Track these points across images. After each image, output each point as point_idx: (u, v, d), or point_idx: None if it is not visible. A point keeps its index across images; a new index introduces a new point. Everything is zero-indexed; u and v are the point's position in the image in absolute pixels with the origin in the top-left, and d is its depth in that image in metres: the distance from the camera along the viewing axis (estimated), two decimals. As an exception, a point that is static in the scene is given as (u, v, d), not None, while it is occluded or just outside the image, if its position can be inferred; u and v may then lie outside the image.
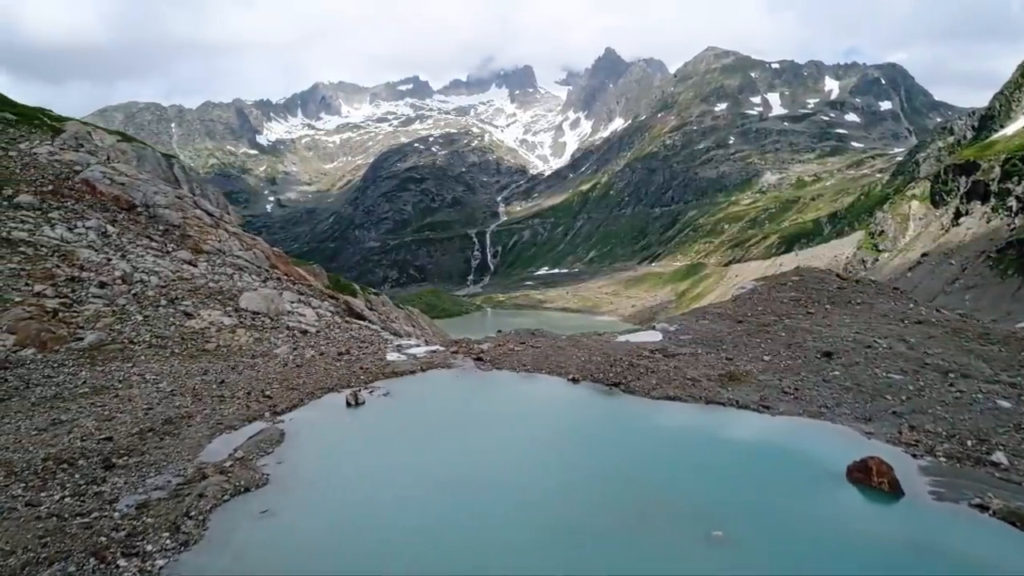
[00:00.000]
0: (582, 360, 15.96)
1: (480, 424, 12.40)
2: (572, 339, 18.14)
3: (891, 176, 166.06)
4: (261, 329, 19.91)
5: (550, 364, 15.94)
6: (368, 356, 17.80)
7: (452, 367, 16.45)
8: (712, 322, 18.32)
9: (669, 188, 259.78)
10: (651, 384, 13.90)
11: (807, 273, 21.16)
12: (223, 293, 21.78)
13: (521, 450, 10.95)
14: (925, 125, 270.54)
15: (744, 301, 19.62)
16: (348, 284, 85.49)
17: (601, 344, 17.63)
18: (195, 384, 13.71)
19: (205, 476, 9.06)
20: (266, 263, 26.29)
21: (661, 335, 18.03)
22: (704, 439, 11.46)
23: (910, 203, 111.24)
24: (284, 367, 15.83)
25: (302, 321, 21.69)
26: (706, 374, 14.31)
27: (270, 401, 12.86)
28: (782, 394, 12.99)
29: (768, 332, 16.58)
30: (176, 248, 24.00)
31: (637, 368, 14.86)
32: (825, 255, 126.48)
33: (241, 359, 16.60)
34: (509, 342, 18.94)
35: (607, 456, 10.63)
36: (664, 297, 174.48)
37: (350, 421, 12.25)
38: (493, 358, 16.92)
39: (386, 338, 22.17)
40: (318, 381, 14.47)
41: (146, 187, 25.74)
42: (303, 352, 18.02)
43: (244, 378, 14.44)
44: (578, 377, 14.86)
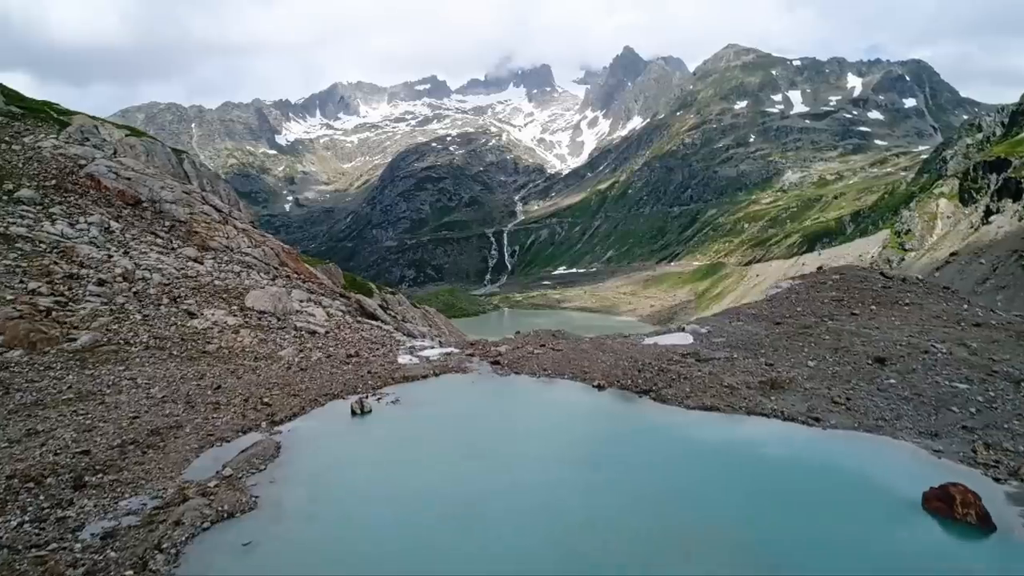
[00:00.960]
0: (607, 364, 14.76)
1: (497, 438, 11.24)
2: (596, 341, 16.92)
3: (916, 174, 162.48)
4: (267, 330, 18.90)
5: (573, 368, 14.76)
6: (378, 359, 16.71)
7: (467, 371, 15.33)
8: (747, 324, 17.01)
9: (688, 187, 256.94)
10: (684, 392, 12.67)
11: (848, 271, 19.76)
12: (229, 292, 20.81)
13: (542, 470, 9.76)
14: (950, 122, 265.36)
15: (780, 301, 18.27)
16: (364, 283, 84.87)
17: (627, 347, 16.39)
18: (189, 390, 12.67)
19: (186, 498, 7.98)
20: (275, 260, 25.33)
21: (692, 337, 16.76)
22: (749, 457, 10.22)
23: (938, 201, 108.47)
24: (287, 371, 14.77)
25: (311, 321, 20.67)
26: (745, 381, 13.04)
27: (268, 409, 11.79)
28: (832, 404, 11.69)
29: (810, 335, 15.24)
30: (182, 245, 23.10)
31: (668, 374, 13.63)
32: (849, 254, 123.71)
33: (243, 362, 15.58)
34: (528, 344, 17.77)
35: (640, 477, 9.42)
36: (683, 297, 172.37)
37: (354, 433, 11.15)
38: (511, 361, 15.77)
39: (398, 339, 21.09)
40: (323, 387, 13.40)
41: (153, 182, 24.88)
42: (309, 354, 16.97)
43: (243, 383, 13.40)
44: (604, 383, 13.67)
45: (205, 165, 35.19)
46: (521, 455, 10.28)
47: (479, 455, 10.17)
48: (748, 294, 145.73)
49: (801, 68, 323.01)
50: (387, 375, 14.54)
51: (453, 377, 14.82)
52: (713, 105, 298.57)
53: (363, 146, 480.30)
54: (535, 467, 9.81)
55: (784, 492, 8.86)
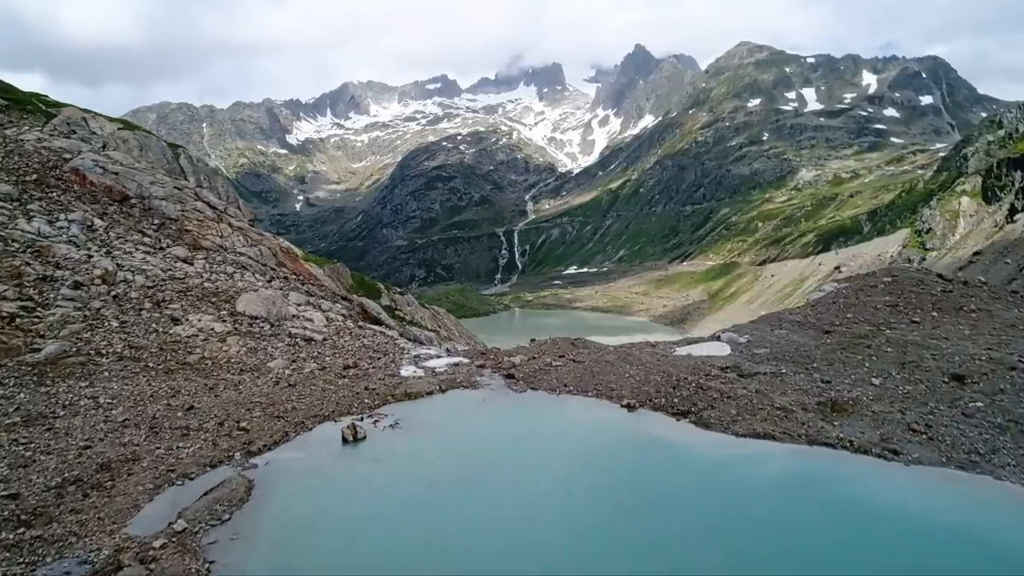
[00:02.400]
0: (637, 380, 12.97)
1: (512, 471, 9.49)
2: (621, 352, 15.13)
3: (935, 172, 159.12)
4: (257, 337, 17.23)
5: (597, 384, 12.99)
6: (379, 371, 15.00)
7: (477, 387, 13.59)
8: (791, 332, 15.17)
9: (701, 186, 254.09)
10: (730, 415, 10.87)
11: (901, 273, 17.85)
12: (219, 295, 19.17)
13: (566, 513, 8.02)
14: (968, 120, 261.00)
15: (826, 306, 16.39)
16: (372, 283, 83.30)
17: (657, 359, 14.59)
18: (157, 411, 11.00)
19: (120, 566, 6.28)
20: (273, 260, 23.69)
21: (729, 348, 14.94)
22: (818, 500, 8.42)
23: (960, 199, 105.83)
24: (275, 386, 13.09)
25: (307, 327, 18.99)
26: (800, 402, 11.23)
27: (245, 436, 10.09)
28: (909, 433, 9.87)
29: (868, 346, 13.39)
30: (171, 244, 21.49)
31: (708, 392, 11.83)
32: (867, 254, 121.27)
33: (225, 375, 13.90)
34: (545, 354, 16.00)
35: (686, 525, 7.65)
36: (696, 297, 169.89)
37: (343, 467, 9.43)
38: (526, 375, 14.02)
39: (402, 347, 19.38)
40: (312, 406, 11.70)
41: (142, 177, 23.30)
42: (302, 366, 15.29)
43: (221, 402, 11.72)
44: (634, 403, 11.88)
45: (203, 160, 33.68)
46: (542, 497, 8.53)
47: (491, 500, 8.43)
48: (764, 294, 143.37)
49: (815, 65, 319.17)
50: (387, 391, 12.82)
51: (461, 394, 13.09)
52: (726, 103, 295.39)
53: (373, 145, 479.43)
54: (558, 510, 8.07)
55: (866, 548, 7.06)
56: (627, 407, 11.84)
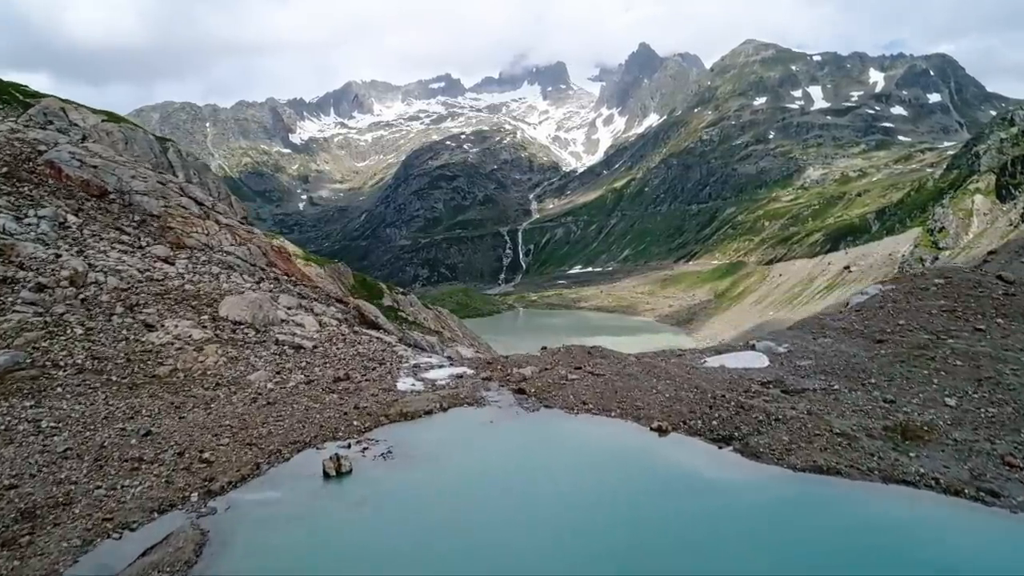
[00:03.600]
0: (667, 397, 11.31)
1: (523, 514, 7.83)
2: (645, 364, 13.46)
3: (945, 170, 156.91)
4: (240, 344, 15.60)
5: (621, 402, 11.33)
6: (372, 384, 13.36)
7: (483, 404, 11.93)
8: (837, 340, 13.48)
9: (706, 184, 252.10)
10: (782, 442, 9.20)
11: (954, 274, 16.15)
12: (200, 298, 17.55)
13: (591, 570, 6.37)
14: (977, 118, 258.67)
15: (873, 311, 14.69)
16: (374, 283, 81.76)
17: (686, 371, 12.93)
18: (108, 437, 9.36)
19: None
20: (263, 260, 22.08)
21: (767, 358, 13.26)
22: (907, 558, 6.74)
23: (973, 197, 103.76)
24: (252, 404, 11.45)
25: (297, 333, 17.36)
26: (863, 426, 9.55)
27: (208, 470, 8.46)
28: (1005, 468, 8.19)
29: (932, 358, 11.71)
30: (152, 242, 19.89)
31: (752, 413, 10.17)
32: (878, 253, 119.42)
33: (198, 390, 12.27)
34: (559, 364, 14.35)
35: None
36: (702, 297, 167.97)
37: (321, 509, 7.78)
38: (539, 390, 12.36)
39: (401, 355, 17.72)
40: (292, 429, 10.06)
41: (123, 171, 21.70)
42: (287, 378, 13.65)
43: (186, 425, 10.08)
44: (666, 425, 10.22)
45: (192, 154, 32.13)
46: (560, 550, 6.87)
47: (498, 555, 6.77)
48: (772, 294, 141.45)
49: (821, 63, 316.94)
50: (380, 410, 11.18)
51: (465, 413, 11.44)
52: (731, 101, 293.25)
53: (377, 145, 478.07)
54: (582, 570, 6.42)
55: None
56: (658, 430, 10.19)
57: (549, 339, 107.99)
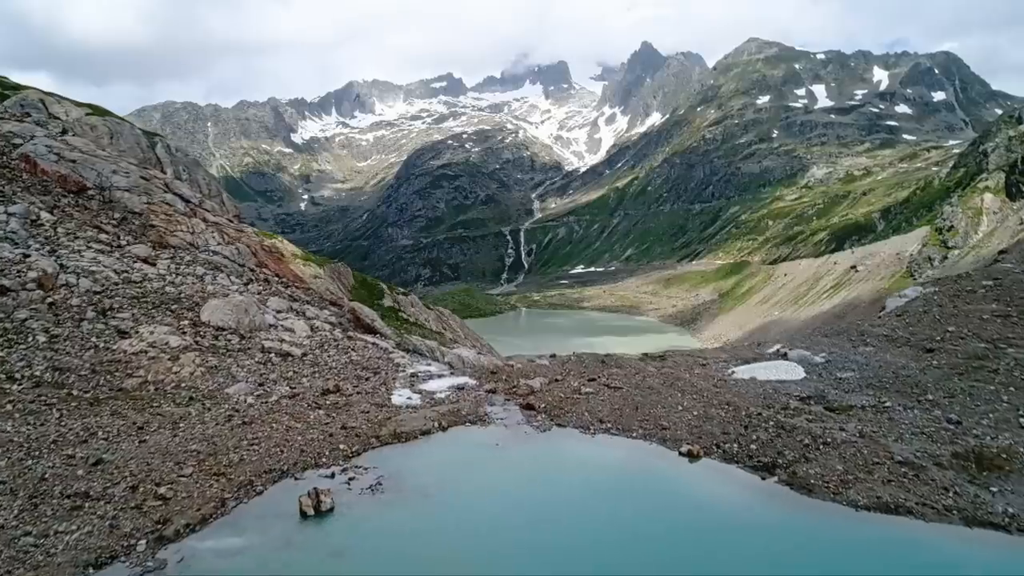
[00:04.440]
0: (695, 414, 10.00)
1: (537, 564, 6.52)
2: (667, 375, 12.14)
3: (952, 168, 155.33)
4: (222, 352, 14.30)
5: (643, 420, 10.02)
6: (365, 398, 12.07)
7: (488, 422, 10.62)
8: (880, 349, 12.15)
9: (709, 184, 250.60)
10: (835, 471, 7.88)
11: (1004, 275, 14.79)
12: (181, 301, 16.25)
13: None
14: (982, 116, 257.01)
15: (917, 316, 13.35)
16: (375, 283, 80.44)
17: (714, 384, 11.60)
18: (50, 468, 8.05)
19: None
20: (252, 260, 20.78)
21: (803, 369, 11.93)
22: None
23: (982, 196, 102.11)
24: (226, 423, 10.14)
25: (286, 339, 16.06)
26: (928, 452, 8.23)
27: (163, 509, 7.16)
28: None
29: (994, 371, 10.38)
30: (132, 241, 18.60)
31: (795, 435, 8.85)
32: (885, 252, 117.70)
33: (167, 406, 10.97)
34: (570, 374, 13.05)
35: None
36: (706, 296, 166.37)
37: (294, 561, 6.47)
38: (550, 405, 11.06)
39: (397, 362, 16.41)
40: (268, 455, 8.76)
41: (103, 165, 20.42)
42: (270, 391, 12.36)
43: (146, 451, 8.77)
44: (697, 449, 8.91)
45: (182, 150, 30.84)
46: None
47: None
48: (777, 294, 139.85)
49: (825, 61, 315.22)
50: (371, 430, 9.88)
51: (467, 433, 10.13)
52: (735, 100, 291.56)
53: (379, 144, 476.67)
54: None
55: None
56: (688, 455, 8.87)
57: (552, 339, 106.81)
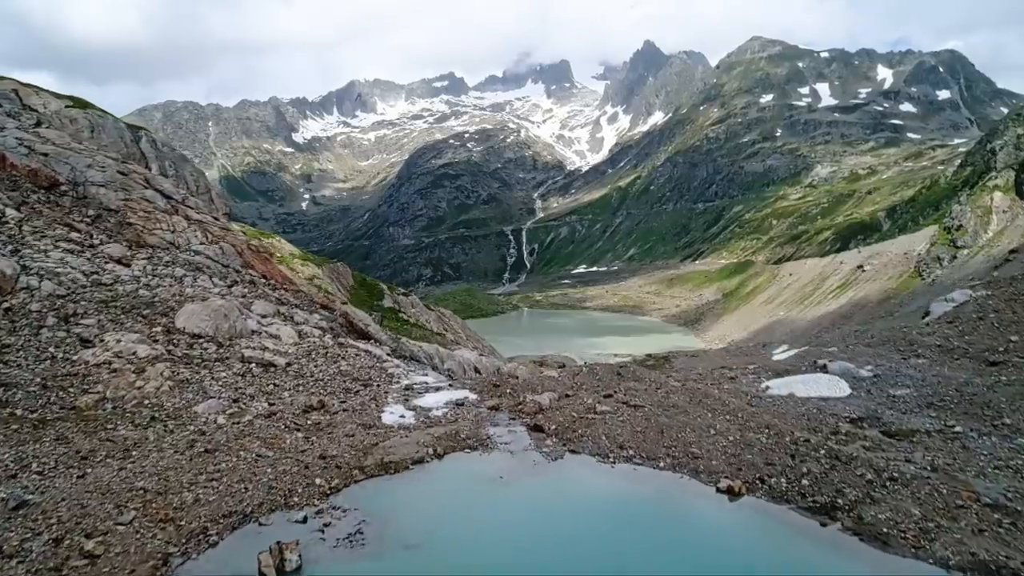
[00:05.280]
0: (730, 440, 8.59)
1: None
2: (692, 390, 10.73)
3: (959, 167, 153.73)
4: (196, 363, 12.92)
5: (670, 445, 8.62)
6: (351, 416, 10.68)
7: (490, 447, 9.21)
8: (935, 361, 10.73)
9: (713, 183, 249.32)
10: (911, 516, 6.47)
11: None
12: (155, 305, 14.87)
13: None
14: (987, 114, 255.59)
15: (971, 324, 11.93)
16: (375, 283, 79.16)
17: (747, 401, 10.20)
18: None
19: None
20: (237, 261, 19.40)
21: (847, 384, 10.52)
22: None
23: (992, 194, 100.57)
24: (187, 451, 8.74)
25: (269, 347, 14.68)
26: (1021, 493, 6.82)
27: (87, 571, 5.78)
28: None
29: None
30: (107, 240, 17.23)
31: (853, 467, 7.46)
32: (893, 251, 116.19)
33: (123, 429, 9.58)
34: (583, 388, 11.65)
35: None
36: (710, 296, 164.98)
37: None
38: (561, 427, 9.66)
39: (391, 372, 15.03)
40: (229, 493, 7.36)
41: (78, 159, 19.05)
42: (245, 408, 10.97)
43: (83, 488, 7.38)
44: (738, 485, 7.50)
45: (169, 145, 29.46)
46: None
47: None
48: (782, 294, 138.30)
49: (829, 60, 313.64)
50: (354, 459, 8.50)
51: (466, 462, 8.74)
52: (738, 98, 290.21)
53: (380, 144, 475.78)
54: None
55: None
56: (728, 492, 7.47)
57: (555, 340, 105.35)
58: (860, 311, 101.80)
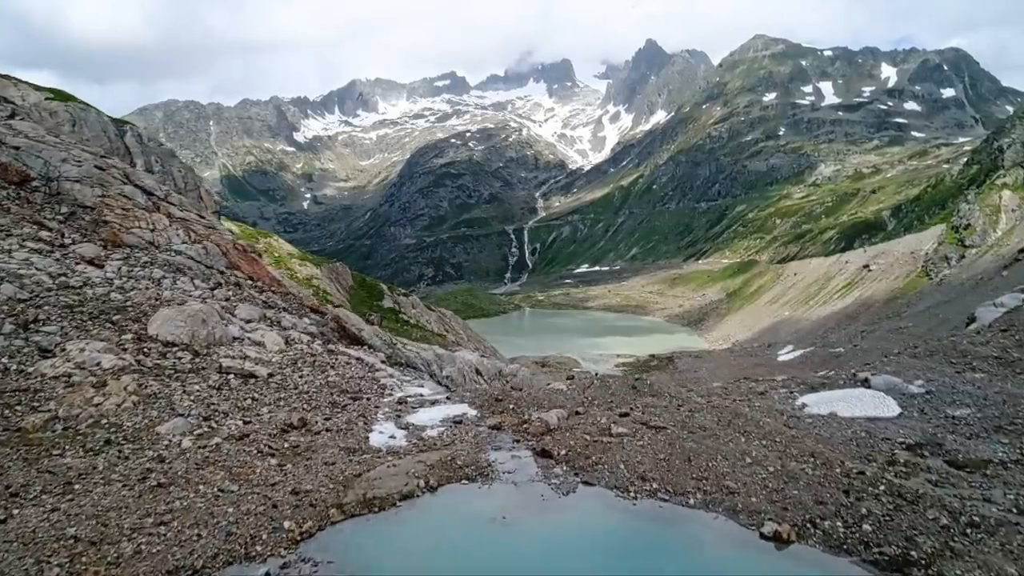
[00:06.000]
0: (770, 470, 7.36)
1: None
2: (721, 409, 9.50)
3: (965, 165, 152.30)
4: (167, 375, 11.72)
5: (700, 476, 7.39)
6: (335, 437, 9.47)
7: (491, 477, 7.96)
8: (996, 376, 9.50)
9: (715, 182, 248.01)
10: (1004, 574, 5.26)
11: None
12: (127, 311, 13.68)
13: None
14: (992, 113, 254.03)
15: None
16: (375, 283, 77.97)
17: (783, 421, 8.98)
18: None
19: None
20: (222, 262, 18.20)
21: (895, 402, 9.29)
22: None
23: (1001, 193, 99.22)
24: (137, 485, 7.51)
25: (251, 356, 13.48)
26: None
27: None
28: None
29: None
30: (80, 240, 16.03)
31: (921, 507, 6.23)
32: (899, 251, 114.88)
33: (69, 456, 8.36)
34: (595, 405, 10.43)
35: None
36: (714, 296, 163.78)
37: None
38: (572, 452, 8.43)
39: (384, 383, 13.82)
40: (177, 543, 6.13)
41: (52, 152, 17.86)
42: (216, 427, 9.76)
43: (0, 537, 6.17)
44: (785, 530, 6.26)
45: (156, 140, 28.28)
46: None
47: None
48: (787, 293, 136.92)
49: (832, 58, 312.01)
50: (333, 494, 7.27)
51: (463, 495, 7.51)
52: (741, 97, 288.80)
53: (382, 143, 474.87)
54: None
55: None
56: (773, 538, 6.23)
57: (557, 340, 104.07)
58: (866, 311, 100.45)
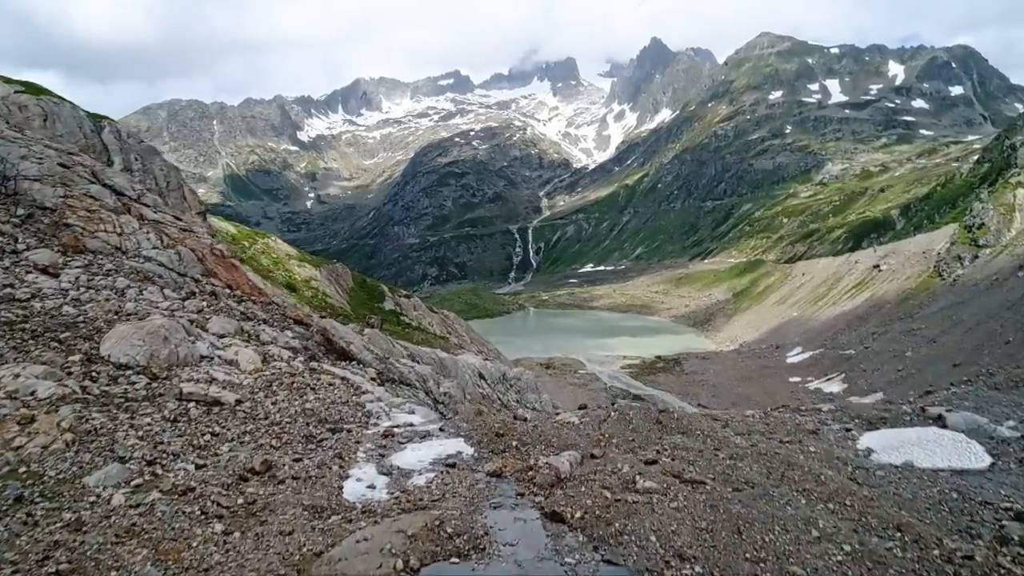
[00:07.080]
0: (846, 550, 5.69)
1: None
2: (764, 452, 7.83)
3: (975, 163, 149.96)
4: (116, 405, 10.08)
5: (756, 558, 5.71)
6: (302, 489, 7.83)
7: (487, 555, 6.26)
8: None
9: (721, 180, 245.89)
10: None
11: None
12: (78, 327, 12.06)
13: None
14: (1001, 111, 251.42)
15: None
16: (375, 284, 76.28)
17: (848, 474, 7.30)
18: None
19: None
20: (197, 268, 16.56)
21: (982, 447, 7.60)
22: None
23: (1015, 191, 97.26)
24: (31, 572, 5.90)
25: (219, 377, 11.84)
26: None
27: None
28: None
29: None
30: (36, 245, 14.43)
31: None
32: (911, 250, 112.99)
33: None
34: (612, 444, 8.75)
35: None
36: (720, 296, 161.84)
37: None
38: (589, 513, 6.75)
39: (369, 408, 12.17)
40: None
41: (10, 149, 16.26)
42: (159, 475, 8.12)
43: None
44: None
45: (136, 136, 26.70)
46: None
47: None
48: (795, 294, 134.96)
49: (839, 56, 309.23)
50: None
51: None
52: (746, 95, 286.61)
53: (385, 142, 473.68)
54: None
55: None
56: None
57: (562, 341, 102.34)
58: (877, 312, 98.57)
